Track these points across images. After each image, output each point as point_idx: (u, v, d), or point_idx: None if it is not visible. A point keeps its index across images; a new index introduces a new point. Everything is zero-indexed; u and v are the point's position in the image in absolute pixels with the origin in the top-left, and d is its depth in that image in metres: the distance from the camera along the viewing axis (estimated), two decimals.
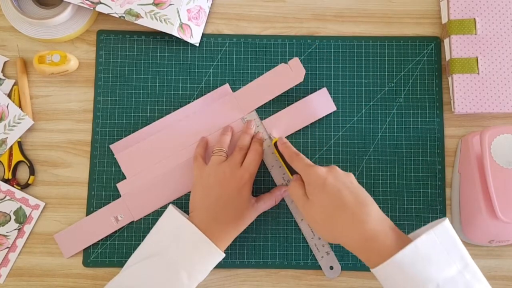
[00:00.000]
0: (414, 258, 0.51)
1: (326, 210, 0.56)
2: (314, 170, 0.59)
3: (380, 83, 0.72)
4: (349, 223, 0.55)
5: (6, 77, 0.72)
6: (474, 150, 0.66)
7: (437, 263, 0.51)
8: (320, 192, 0.57)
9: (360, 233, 0.54)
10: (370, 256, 0.54)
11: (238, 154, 0.66)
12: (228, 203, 0.63)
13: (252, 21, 0.74)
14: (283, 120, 0.70)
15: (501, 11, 0.70)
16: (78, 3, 0.70)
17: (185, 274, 0.59)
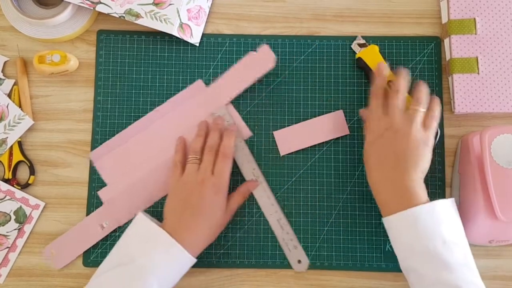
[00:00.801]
0: (429, 215, 0.58)
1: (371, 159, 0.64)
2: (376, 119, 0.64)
3: None
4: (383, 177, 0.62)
5: (6, 77, 0.72)
6: (474, 150, 0.66)
7: (446, 226, 0.58)
8: (373, 144, 0.64)
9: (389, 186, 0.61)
10: (390, 206, 0.60)
11: (208, 158, 0.65)
12: (203, 212, 0.63)
13: (252, 21, 0.74)
14: (294, 134, 0.70)
15: (501, 11, 0.70)
16: (78, 3, 0.70)
17: (155, 282, 0.58)
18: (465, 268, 0.57)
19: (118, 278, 0.58)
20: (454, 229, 0.60)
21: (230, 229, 0.69)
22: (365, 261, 0.69)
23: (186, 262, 0.62)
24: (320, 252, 0.69)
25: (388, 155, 0.62)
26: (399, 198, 0.60)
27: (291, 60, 0.73)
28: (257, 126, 0.71)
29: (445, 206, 0.60)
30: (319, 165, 0.70)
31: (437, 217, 0.58)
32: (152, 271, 0.58)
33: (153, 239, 0.60)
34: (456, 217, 0.61)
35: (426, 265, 0.57)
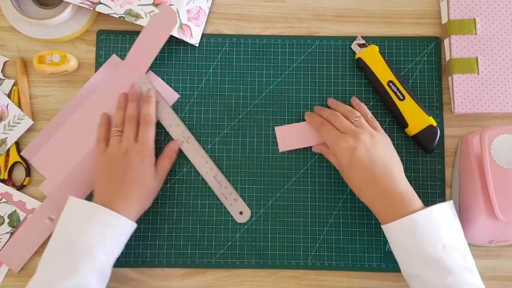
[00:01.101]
0: (427, 221, 0.58)
1: (355, 182, 0.64)
2: (339, 148, 0.63)
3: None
4: (374, 192, 0.62)
5: (6, 77, 0.72)
6: (474, 150, 0.66)
7: (446, 230, 0.59)
8: (348, 169, 0.63)
9: (382, 198, 0.61)
10: (388, 215, 0.60)
11: (129, 128, 0.66)
12: (131, 179, 0.63)
13: (252, 21, 0.74)
14: (295, 132, 0.70)
15: (501, 11, 0.70)
16: (78, 3, 0.70)
17: (101, 253, 0.59)
18: (466, 271, 0.57)
19: (63, 263, 0.58)
20: (453, 233, 0.60)
21: (230, 229, 0.69)
22: (365, 262, 0.69)
23: (127, 227, 0.62)
24: (320, 252, 0.69)
25: (371, 169, 0.61)
26: (396, 206, 0.60)
27: (291, 60, 0.73)
28: (257, 126, 0.71)
29: (443, 210, 0.60)
30: (319, 165, 0.70)
31: (436, 222, 0.59)
32: (97, 245, 0.59)
33: (87, 216, 0.60)
34: (454, 220, 0.61)
35: (428, 270, 0.57)
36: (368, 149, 0.62)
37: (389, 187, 0.61)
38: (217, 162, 0.70)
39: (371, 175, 0.61)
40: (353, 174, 0.63)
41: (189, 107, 0.72)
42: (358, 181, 0.63)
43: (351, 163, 0.62)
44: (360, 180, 0.63)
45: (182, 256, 0.69)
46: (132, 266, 0.69)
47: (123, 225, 0.62)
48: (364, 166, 0.62)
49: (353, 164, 0.62)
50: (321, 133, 0.67)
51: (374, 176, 0.61)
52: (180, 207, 0.70)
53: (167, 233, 0.69)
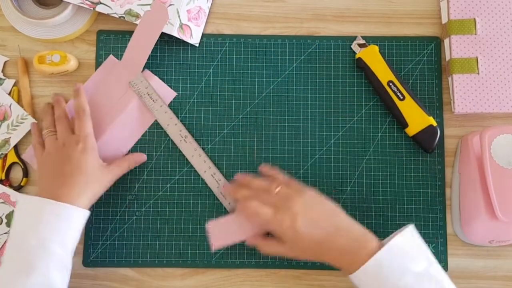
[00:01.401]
0: (389, 257, 0.56)
1: (308, 251, 0.61)
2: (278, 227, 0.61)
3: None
4: (330, 249, 0.59)
5: (7, 77, 0.72)
6: (474, 150, 0.66)
7: (410, 259, 0.57)
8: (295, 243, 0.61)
9: (340, 250, 0.59)
10: (351, 265, 0.58)
11: (61, 124, 0.66)
12: (73, 169, 0.62)
13: (252, 21, 0.74)
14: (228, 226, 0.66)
15: (501, 11, 0.70)
16: (78, 3, 0.70)
17: (57, 246, 0.58)
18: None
19: (21, 262, 0.57)
20: (420, 259, 0.57)
21: None
22: None
23: (78, 216, 0.61)
24: None
25: (318, 234, 0.59)
26: (357, 254, 0.58)
27: (291, 60, 0.73)
28: (257, 126, 0.71)
29: (402, 240, 0.58)
30: (319, 166, 0.70)
31: (399, 254, 0.57)
32: (50, 239, 0.58)
33: (36, 211, 0.60)
34: (417, 244, 0.58)
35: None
36: (302, 216, 0.60)
37: (341, 240, 0.59)
38: (217, 162, 0.70)
39: (318, 238, 0.59)
40: (302, 245, 0.60)
41: (189, 107, 0.72)
42: (310, 249, 0.60)
43: (296, 236, 0.60)
44: (311, 248, 0.60)
45: (182, 256, 0.69)
46: (132, 266, 0.69)
47: (73, 214, 0.61)
48: (308, 234, 0.59)
49: (298, 236, 0.59)
50: (253, 218, 0.63)
51: (324, 237, 0.59)
52: (180, 207, 0.70)
53: (167, 233, 0.69)
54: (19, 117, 0.70)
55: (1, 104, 0.70)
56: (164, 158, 0.71)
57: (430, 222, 0.69)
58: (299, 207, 0.60)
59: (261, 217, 0.61)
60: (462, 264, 0.68)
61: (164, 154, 0.71)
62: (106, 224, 0.69)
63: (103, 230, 0.69)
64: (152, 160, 0.71)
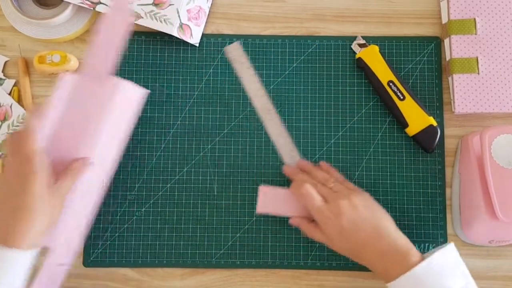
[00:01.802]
0: (429, 272, 0.56)
1: (349, 249, 0.62)
2: (325, 218, 0.62)
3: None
4: (371, 253, 0.60)
5: (7, 77, 0.72)
6: (474, 150, 0.66)
7: (449, 276, 0.57)
8: (338, 239, 0.61)
9: (380, 257, 0.59)
10: (388, 273, 0.58)
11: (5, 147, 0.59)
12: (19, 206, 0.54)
13: (252, 21, 0.74)
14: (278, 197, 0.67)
15: (501, 11, 0.70)
16: (78, 3, 0.70)
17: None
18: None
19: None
20: (459, 277, 0.58)
21: (230, 229, 0.69)
22: None
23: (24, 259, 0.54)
24: (320, 252, 0.69)
25: (362, 234, 0.60)
26: (396, 263, 0.58)
27: (291, 60, 0.73)
28: (257, 126, 0.71)
29: (443, 256, 0.58)
30: None
31: (438, 271, 0.57)
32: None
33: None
34: (458, 264, 0.59)
35: None
36: (352, 215, 0.61)
37: (383, 246, 0.59)
38: (217, 162, 0.70)
39: (362, 240, 0.60)
40: (344, 242, 0.61)
41: (189, 107, 0.72)
42: (351, 248, 0.61)
43: (340, 233, 0.61)
44: (352, 247, 0.61)
45: (182, 256, 0.69)
46: (132, 266, 0.69)
47: (17, 258, 0.53)
48: (353, 233, 0.60)
49: (342, 233, 0.61)
50: (304, 203, 0.64)
51: (365, 240, 0.60)
52: (180, 207, 0.70)
53: (167, 233, 0.69)
54: (19, 117, 0.70)
55: (1, 104, 0.70)
56: (164, 158, 0.71)
57: (430, 222, 0.69)
58: (348, 206, 0.61)
59: (312, 202, 0.63)
60: None
61: (164, 154, 0.71)
62: (106, 224, 0.69)
63: (103, 230, 0.69)
64: (152, 160, 0.71)
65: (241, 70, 0.69)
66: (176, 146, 0.71)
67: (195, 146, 0.71)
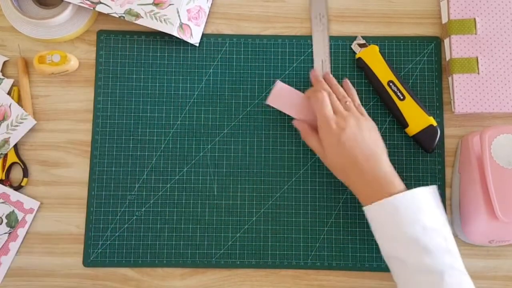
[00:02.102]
0: (408, 203, 0.59)
1: (339, 164, 0.64)
2: (329, 127, 0.64)
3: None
4: (358, 174, 0.62)
5: (6, 77, 0.72)
6: (474, 150, 0.66)
7: (426, 213, 0.59)
8: (333, 150, 0.64)
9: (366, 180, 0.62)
10: (369, 197, 0.61)
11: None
12: None
13: (252, 21, 0.74)
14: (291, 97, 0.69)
15: (501, 11, 0.70)
16: (78, 3, 0.70)
17: None
18: (447, 254, 0.57)
19: None
20: (434, 216, 0.60)
21: (230, 229, 0.69)
22: (365, 261, 0.69)
23: None
24: (320, 252, 0.69)
25: (356, 152, 0.62)
26: (378, 189, 0.61)
27: (291, 60, 0.73)
28: (257, 126, 0.71)
29: (424, 193, 0.60)
30: (319, 165, 0.70)
31: (416, 205, 0.59)
32: None
33: None
34: (436, 205, 0.61)
35: (407, 251, 0.58)
36: (355, 133, 0.63)
37: (372, 170, 0.61)
38: (216, 162, 0.70)
39: (355, 158, 0.62)
40: (337, 156, 0.64)
41: (189, 107, 0.72)
42: (341, 163, 0.64)
43: (338, 144, 0.63)
44: (343, 162, 0.63)
45: (182, 256, 0.69)
46: (132, 266, 0.69)
47: None
48: (349, 148, 0.62)
49: (339, 145, 0.63)
50: (315, 108, 0.66)
51: (358, 159, 0.62)
52: (180, 207, 0.70)
53: (167, 233, 0.69)
54: (18, 117, 0.70)
55: (0, 104, 0.70)
56: (164, 158, 0.71)
57: None
58: (354, 124, 0.63)
59: (323, 108, 0.64)
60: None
61: (164, 154, 0.71)
62: (106, 224, 0.69)
63: (103, 230, 0.69)
64: (152, 160, 0.71)
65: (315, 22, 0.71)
66: (176, 146, 0.71)
67: (195, 146, 0.71)
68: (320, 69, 0.72)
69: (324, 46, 0.72)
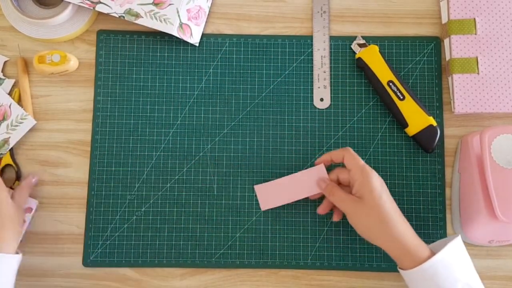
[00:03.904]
0: (445, 264, 0.57)
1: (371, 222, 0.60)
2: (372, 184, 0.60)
3: None
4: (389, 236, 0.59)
5: (6, 77, 0.72)
6: (474, 150, 0.66)
7: (461, 268, 0.58)
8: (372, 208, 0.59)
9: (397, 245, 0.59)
10: (403, 261, 0.59)
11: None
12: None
13: (252, 21, 0.74)
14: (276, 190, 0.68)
15: (501, 11, 0.70)
16: (78, 3, 0.70)
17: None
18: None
19: None
20: (468, 270, 0.58)
21: (230, 229, 0.69)
22: (365, 261, 0.69)
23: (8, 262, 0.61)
24: (320, 252, 0.69)
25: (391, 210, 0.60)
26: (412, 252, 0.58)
27: (291, 60, 0.73)
28: (257, 126, 0.71)
29: (455, 248, 0.59)
30: None
31: (452, 263, 0.57)
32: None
33: None
34: (466, 257, 0.59)
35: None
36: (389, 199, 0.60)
37: (401, 230, 0.59)
38: (216, 162, 0.70)
39: (389, 216, 0.59)
40: (372, 218, 0.60)
41: (189, 107, 0.72)
42: (374, 222, 0.60)
43: (380, 199, 0.59)
44: (381, 223, 0.59)
45: (182, 256, 0.69)
46: (132, 266, 0.69)
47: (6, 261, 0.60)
48: (390, 205, 0.60)
49: (381, 201, 0.59)
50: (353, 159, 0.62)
51: (391, 217, 0.59)
52: (180, 207, 0.70)
53: (167, 233, 0.69)
54: (18, 117, 0.70)
55: (0, 104, 0.70)
56: (164, 158, 0.71)
57: (430, 222, 0.69)
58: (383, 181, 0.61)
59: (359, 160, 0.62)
60: None
61: (164, 154, 0.71)
62: (106, 224, 0.69)
63: (103, 230, 0.69)
64: (152, 160, 0.71)
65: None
66: (176, 145, 0.71)
67: (195, 145, 0.71)
68: (320, 66, 0.71)
69: (325, 43, 0.71)
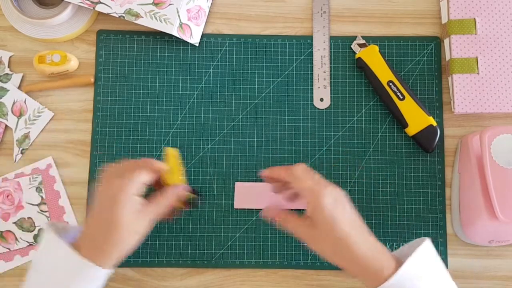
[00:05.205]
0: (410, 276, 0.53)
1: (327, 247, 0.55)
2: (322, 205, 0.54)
3: None
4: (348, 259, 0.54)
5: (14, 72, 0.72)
6: (474, 150, 0.66)
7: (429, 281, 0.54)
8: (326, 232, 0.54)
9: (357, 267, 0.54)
10: (366, 281, 0.54)
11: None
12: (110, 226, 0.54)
13: (252, 21, 0.74)
14: (254, 192, 0.68)
15: (501, 11, 0.70)
16: (78, 3, 0.70)
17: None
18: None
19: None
20: (438, 280, 0.55)
21: (230, 229, 0.69)
22: None
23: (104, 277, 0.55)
24: None
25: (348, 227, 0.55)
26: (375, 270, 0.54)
27: (291, 60, 0.73)
28: (257, 126, 0.71)
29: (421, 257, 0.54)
30: (319, 165, 0.70)
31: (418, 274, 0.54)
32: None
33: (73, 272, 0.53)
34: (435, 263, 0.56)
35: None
36: (351, 207, 0.56)
37: (360, 251, 0.53)
38: (216, 162, 0.70)
39: (345, 238, 0.53)
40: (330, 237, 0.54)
41: (189, 107, 0.72)
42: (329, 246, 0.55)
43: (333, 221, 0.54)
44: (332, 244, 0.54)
45: (182, 256, 0.69)
46: (132, 266, 0.69)
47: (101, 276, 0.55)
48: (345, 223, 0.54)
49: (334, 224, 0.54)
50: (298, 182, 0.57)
51: (347, 239, 0.53)
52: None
53: (167, 233, 0.69)
54: (35, 111, 0.70)
55: (15, 101, 0.70)
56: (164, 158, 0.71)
57: (430, 222, 0.69)
58: (342, 194, 0.56)
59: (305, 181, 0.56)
60: (462, 264, 0.68)
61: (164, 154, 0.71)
62: None
63: None
64: None
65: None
66: (176, 145, 0.71)
67: (195, 145, 0.71)
68: (320, 66, 0.71)
69: (325, 43, 0.71)
